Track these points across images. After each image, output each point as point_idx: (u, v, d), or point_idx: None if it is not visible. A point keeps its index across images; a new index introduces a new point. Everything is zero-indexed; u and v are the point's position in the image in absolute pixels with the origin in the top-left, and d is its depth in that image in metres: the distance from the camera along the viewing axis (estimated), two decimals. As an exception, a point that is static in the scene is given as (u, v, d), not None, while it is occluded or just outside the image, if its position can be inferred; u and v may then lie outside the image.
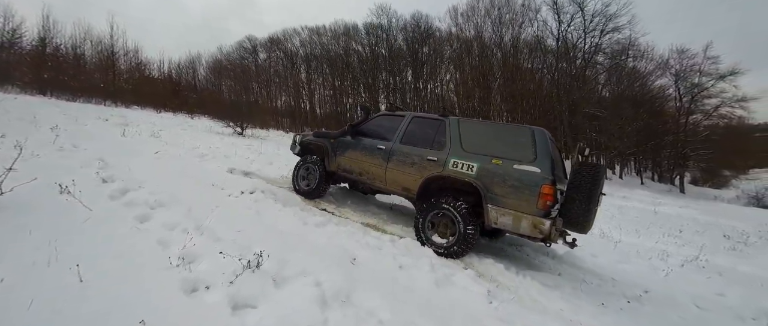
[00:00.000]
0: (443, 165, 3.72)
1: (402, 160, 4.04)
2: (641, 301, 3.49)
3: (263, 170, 6.31)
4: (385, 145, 4.25)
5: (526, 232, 3.22)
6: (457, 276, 3.02)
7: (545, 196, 3.09)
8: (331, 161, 4.74)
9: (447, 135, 3.87)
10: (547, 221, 3.09)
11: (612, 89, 29.27)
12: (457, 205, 3.53)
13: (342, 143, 4.71)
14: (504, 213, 3.30)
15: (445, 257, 3.49)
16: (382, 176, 4.20)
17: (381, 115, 4.70)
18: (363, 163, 4.40)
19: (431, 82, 31.62)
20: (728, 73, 25.44)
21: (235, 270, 2.13)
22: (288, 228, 3.46)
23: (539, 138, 3.39)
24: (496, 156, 3.46)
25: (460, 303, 2.61)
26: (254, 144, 10.84)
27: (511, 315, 2.53)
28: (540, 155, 3.28)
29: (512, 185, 3.28)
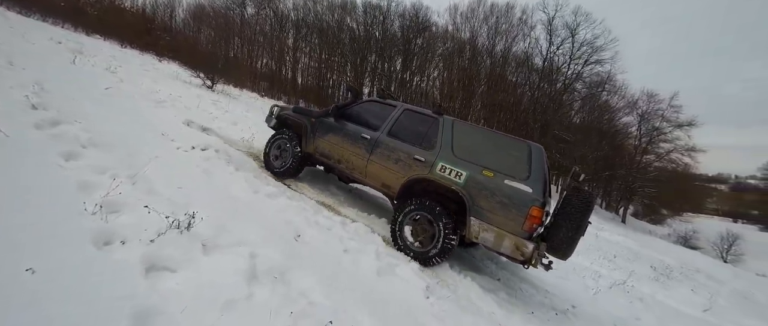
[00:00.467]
0: (430, 167, 3.48)
1: (386, 155, 3.76)
2: (567, 315, 3.69)
3: (225, 129, 5.94)
4: (370, 134, 3.94)
5: (507, 252, 3.07)
6: (401, 268, 3.00)
7: (533, 219, 2.95)
8: (309, 142, 4.37)
9: (439, 135, 3.61)
10: (531, 244, 2.94)
11: (583, 117, 30.87)
12: (440, 212, 3.31)
13: (323, 124, 4.33)
14: (487, 229, 3.12)
15: (421, 264, 3.30)
16: (363, 168, 3.92)
17: (370, 101, 4.38)
18: (343, 151, 4.07)
19: (418, 76, 31.51)
20: (686, 123, 27.66)
21: (160, 229, 1.94)
22: (236, 193, 3.25)
23: (535, 155, 3.20)
24: (488, 167, 3.26)
25: (398, 295, 2.59)
26: (222, 101, 10.21)
27: (445, 313, 2.55)
28: (534, 174, 3.10)
29: (500, 201, 3.10)
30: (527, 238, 2.99)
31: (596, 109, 30.35)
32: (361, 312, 2.15)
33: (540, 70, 27.74)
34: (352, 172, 4.07)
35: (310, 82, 35.36)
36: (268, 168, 4.58)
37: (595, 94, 28.59)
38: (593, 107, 30.32)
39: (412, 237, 3.46)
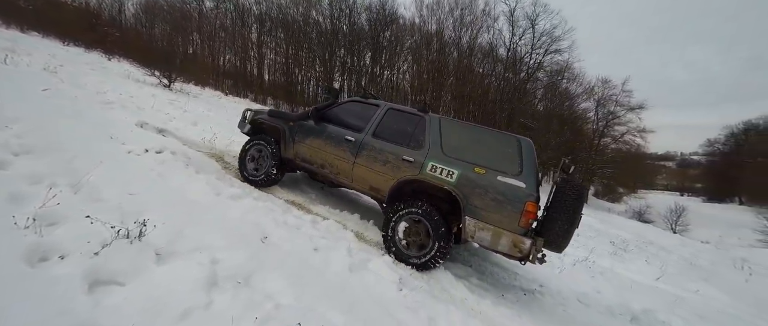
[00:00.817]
0: (420, 167, 3.36)
1: (373, 157, 3.61)
2: (535, 294, 3.87)
3: (183, 130, 5.61)
4: (354, 136, 3.77)
5: (505, 250, 3.00)
6: (374, 263, 2.98)
7: (529, 214, 2.91)
8: (288, 147, 4.13)
9: (426, 134, 3.51)
10: (528, 240, 2.89)
11: (546, 105, 32.30)
12: (434, 214, 3.22)
13: (302, 128, 4.09)
14: (483, 228, 3.04)
15: (417, 269, 3.23)
16: (349, 172, 3.75)
17: (351, 101, 4.16)
18: (326, 154, 3.88)
19: (388, 70, 31.40)
20: (637, 107, 29.73)
21: (105, 240, 1.78)
22: (196, 197, 3.07)
23: (526, 150, 3.16)
24: (479, 164, 3.18)
25: (370, 290, 2.57)
26: (180, 100, 9.64)
27: (417, 304, 2.56)
28: (526, 169, 3.06)
29: (495, 198, 3.02)
30: (524, 234, 2.94)
31: (557, 96, 31.85)
32: (332, 311, 2.11)
33: (504, 61, 28.62)
34: (337, 177, 3.88)
35: (278, 79, 34.26)
36: (245, 178, 4.24)
37: (555, 82, 29.97)
38: (554, 95, 31.80)
39: (405, 241, 3.36)
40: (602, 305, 4.18)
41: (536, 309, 3.49)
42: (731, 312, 5.50)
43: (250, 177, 4.21)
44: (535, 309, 3.47)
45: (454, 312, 2.63)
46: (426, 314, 2.48)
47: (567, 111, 32.90)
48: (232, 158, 4.95)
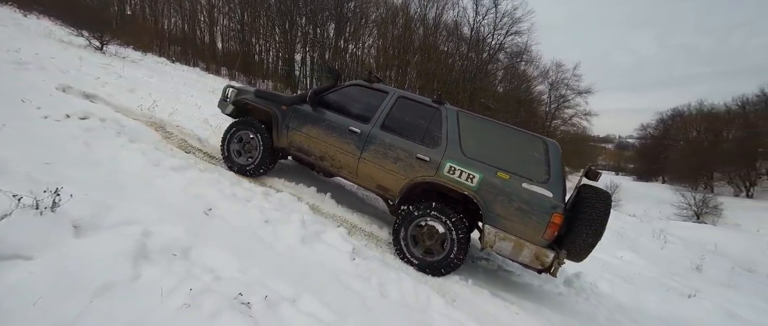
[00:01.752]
0: (437, 168, 3.06)
1: (382, 152, 3.25)
2: (479, 263, 4.10)
3: (116, 96, 5.02)
4: (360, 127, 3.38)
5: (525, 262, 2.85)
6: (328, 234, 2.94)
7: (555, 226, 2.71)
8: (281, 135, 3.69)
9: (443, 129, 3.19)
10: (551, 253, 2.73)
11: (505, 86, 33.56)
12: (455, 220, 2.97)
13: (298, 113, 3.64)
14: (504, 238, 2.84)
15: (431, 275, 3.02)
16: (353, 167, 3.40)
17: (354, 86, 3.70)
18: (327, 146, 3.48)
19: (353, 43, 30.41)
20: (585, 90, 31.87)
21: (5, 210, 1.55)
22: (128, 168, 2.79)
23: (553, 154, 2.93)
24: (503, 168, 2.92)
25: (323, 261, 2.55)
26: (115, 64, 8.58)
27: (369, 272, 2.59)
28: (553, 176, 2.84)
29: (519, 208, 2.80)
30: (547, 247, 2.77)
31: (516, 78, 33.19)
32: (280, 282, 2.06)
33: (468, 40, 28.98)
34: (338, 171, 3.55)
35: (233, 48, 31.80)
36: (230, 166, 3.83)
37: (514, 63, 31.08)
38: (514, 77, 33.09)
39: (419, 245, 3.15)
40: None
41: (481, 274, 3.71)
42: (647, 273, 6.30)
43: (234, 167, 3.81)
44: (480, 274, 3.69)
45: (406, 279, 2.70)
46: (377, 281, 2.52)
47: (524, 93, 34.53)
48: (175, 128, 4.56)
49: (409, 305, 2.44)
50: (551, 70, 33.30)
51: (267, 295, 1.84)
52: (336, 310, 1.99)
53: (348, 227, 3.44)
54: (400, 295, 2.50)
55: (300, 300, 1.97)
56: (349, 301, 2.17)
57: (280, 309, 1.82)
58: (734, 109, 39.55)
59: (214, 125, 5.33)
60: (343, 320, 1.97)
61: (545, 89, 34.26)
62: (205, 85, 12.13)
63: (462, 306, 2.72)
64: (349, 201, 4.16)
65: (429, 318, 2.34)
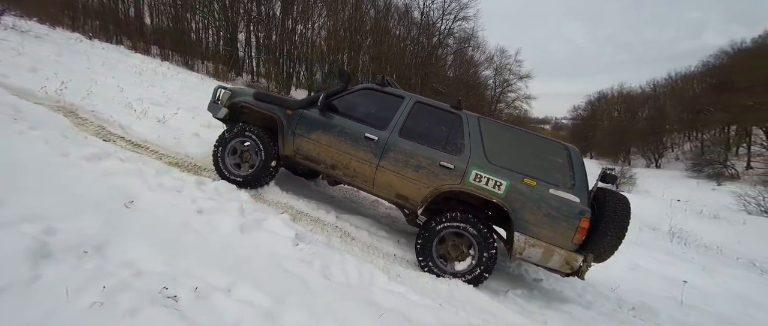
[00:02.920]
0: (462, 175, 3.01)
1: (403, 160, 3.14)
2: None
3: (13, 77, 4.30)
4: (376, 134, 3.23)
5: (555, 267, 2.88)
6: (269, 222, 2.87)
7: (583, 231, 2.77)
8: (286, 142, 3.46)
9: (466, 136, 3.13)
10: (580, 257, 2.79)
11: (455, 71, 34.69)
12: (481, 227, 2.98)
13: (305, 119, 3.42)
14: (534, 245, 2.85)
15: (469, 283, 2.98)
16: (370, 176, 3.24)
17: (366, 89, 3.53)
18: (339, 154, 3.30)
19: (302, 24, 28.95)
20: (525, 75, 34.12)
21: None
22: (27, 159, 2.44)
23: (576, 159, 2.98)
24: (529, 175, 2.92)
25: (263, 249, 2.49)
26: (12, 39, 7.27)
27: (312, 256, 2.60)
28: (578, 181, 2.89)
29: (548, 214, 2.81)
30: (576, 251, 2.84)
31: (464, 63, 34.42)
32: (214, 272, 1.98)
33: (418, 24, 29.21)
34: (352, 180, 3.38)
35: (165, 24, 28.54)
36: (224, 176, 3.52)
37: (463, 49, 32.14)
38: (462, 62, 34.28)
39: (446, 254, 3.13)
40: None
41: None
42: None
43: (231, 176, 3.51)
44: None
45: (350, 260, 2.75)
46: (321, 264, 2.54)
47: (472, 78, 36.03)
48: (89, 113, 4.04)
49: (352, 284, 2.51)
50: (496, 56, 35.08)
51: (197, 287, 1.77)
52: (274, 295, 1.98)
53: (293, 213, 3.40)
54: (344, 276, 2.55)
55: (236, 288, 1.93)
56: (289, 285, 2.16)
57: (213, 299, 1.76)
58: (647, 91, 45.20)
59: (140, 110, 4.82)
60: (282, 303, 1.96)
61: (491, 74, 36.06)
62: (130, 65, 10.81)
63: (405, 281, 2.86)
64: (294, 188, 4.08)
65: (371, 294, 2.42)
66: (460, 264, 3.08)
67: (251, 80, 25.61)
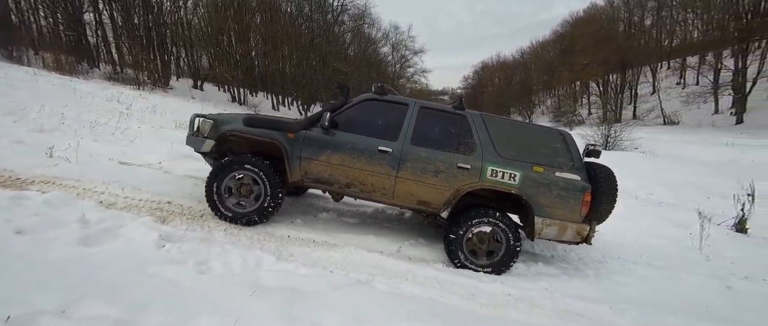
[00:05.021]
0: (480, 173, 3.15)
1: (421, 168, 3.18)
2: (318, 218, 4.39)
3: None
4: (389, 145, 3.21)
5: (569, 239, 3.19)
6: (127, 227, 2.52)
7: (587, 203, 3.10)
8: (293, 168, 3.24)
9: (474, 135, 3.26)
10: (587, 226, 3.15)
11: (355, 50, 34.66)
12: (506, 220, 3.17)
13: (311, 140, 3.22)
14: (550, 224, 3.15)
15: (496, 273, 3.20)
16: (389, 188, 3.24)
17: (367, 101, 3.40)
18: (354, 171, 3.21)
19: (169, 1, 24.63)
20: (420, 50, 36.23)
21: None
22: None
23: (570, 142, 3.29)
24: (536, 162, 3.18)
25: (118, 258, 2.19)
26: None
27: (184, 255, 2.39)
28: (576, 161, 3.22)
29: (558, 195, 3.11)
30: (584, 221, 3.17)
31: (363, 41, 34.63)
32: (40, 296, 1.67)
33: (310, 0, 27.95)
34: (370, 195, 3.31)
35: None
36: (222, 215, 3.21)
37: (359, 26, 32.16)
38: (361, 40, 34.41)
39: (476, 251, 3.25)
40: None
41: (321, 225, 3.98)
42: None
43: (231, 215, 3.22)
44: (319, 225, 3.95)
45: (232, 250, 2.63)
46: (195, 260, 2.36)
47: (372, 55, 36.61)
48: None
49: (234, 273, 2.41)
50: (391, 33, 36.19)
51: (10, 316, 1.47)
52: (132, 304, 1.79)
53: (162, 214, 3.04)
54: (225, 267, 2.43)
55: (74, 307, 1.67)
56: (153, 290, 1.97)
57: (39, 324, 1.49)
58: (517, 59, 52.94)
59: None
60: (144, 310, 1.79)
61: (389, 51, 37.22)
62: None
63: (298, 258, 2.88)
64: (164, 187, 3.64)
65: (256, 278, 2.37)
66: (489, 257, 3.27)
67: (113, 71, 21.14)
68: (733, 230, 4.88)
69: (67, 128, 5.10)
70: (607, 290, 3.14)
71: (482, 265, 3.21)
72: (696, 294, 3.21)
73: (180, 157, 4.90)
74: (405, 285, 2.70)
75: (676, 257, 3.88)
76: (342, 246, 3.27)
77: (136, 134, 5.80)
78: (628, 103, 32.64)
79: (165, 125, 7.50)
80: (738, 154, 11.55)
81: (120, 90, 13.02)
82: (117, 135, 5.46)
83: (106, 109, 7.79)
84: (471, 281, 2.93)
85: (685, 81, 30.77)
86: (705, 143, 14.96)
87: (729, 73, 21.74)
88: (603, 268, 3.59)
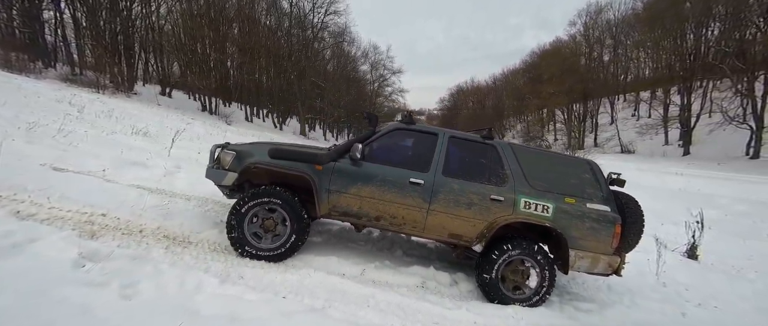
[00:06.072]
0: (513, 205, 3.04)
1: (454, 200, 3.05)
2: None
3: None
4: (421, 177, 3.08)
5: (600, 271, 3.10)
6: (41, 243, 2.16)
7: (618, 236, 3.04)
8: (321, 201, 3.09)
9: (505, 165, 3.17)
10: (618, 258, 3.07)
11: (334, 66, 34.86)
12: (539, 252, 3.09)
13: (340, 173, 3.07)
14: (583, 257, 3.03)
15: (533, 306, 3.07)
16: (420, 221, 3.10)
17: (396, 131, 3.32)
18: (385, 204, 3.08)
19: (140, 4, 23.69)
20: (398, 71, 37.02)
21: None
22: None
23: (599, 172, 3.21)
24: (567, 194, 3.09)
25: (17, 280, 1.84)
26: None
27: (108, 276, 2.07)
28: (606, 192, 3.14)
29: (591, 227, 3.02)
30: (615, 253, 3.09)
31: (343, 58, 34.94)
32: None
33: (290, 16, 27.99)
34: (401, 228, 3.17)
35: None
36: (244, 252, 2.98)
37: (338, 43, 32.47)
38: (341, 56, 34.70)
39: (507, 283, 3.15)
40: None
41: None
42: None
43: (255, 251, 3.00)
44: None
45: (168, 272, 2.32)
46: (120, 283, 2.06)
47: (351, 72, 36.94)
48: None
49: (168, 297, 2.12)
50: (370, 52, 36.85)
51: None
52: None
53: (92, 228, 2.68)
54: (157, 290, 2.14)
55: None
56: (54, 320, 1.65)
57: None
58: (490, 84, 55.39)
59: None
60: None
61: (368, 69, 37.74)
62: None
63: (248, 281, 2.61)
64: (101, 197, 3.26)
65: (193, 303, 2.09)
66: (520, 291, 3.16)
67: (71, 72, 19.77)
68: (686, 256, 5.07)
69: (-4, 128, 4.54)
70: (572, 317, 3.07)
71: (522, 299, 3.10)
72: (655, 321, 3.22)
73: (128, 164, 4.48)
74: (364, 312, 2.49)
75: (635, 282, 3.93)
76: (300, 267, 3.03)
77: (81, 138, 5.28)
78: (590, 131, 34.80)
79: (119, 131, 6.93)
80: (686, 183, 12.42)
81: (74, 92, 12.11)
82: (58, 138, 4.94)
83: (53, 110, 7.12)
84: (436, 308, 2.78)
85: (639, 113, 33.37)
86: (657, 172, 16.01)
87: (676, 108, 23.82)
88: (566, 294, 3.56)
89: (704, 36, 22.74)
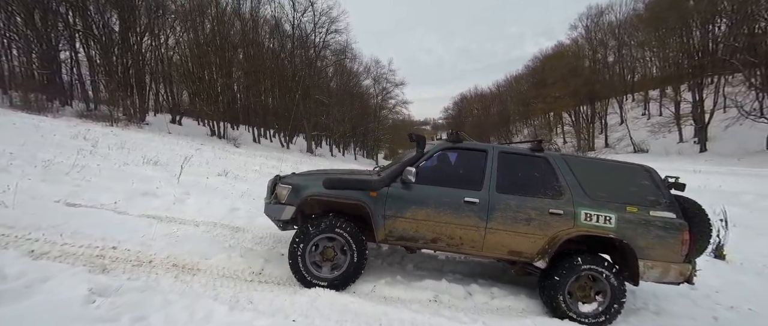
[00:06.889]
0: (573, 218, 2.96)
1: (511, 216, 2.98)
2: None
3: None
4: (476, 196, 3.03)
5: (671, 280, 2.98)
6: (53, 282, 2.19)
7: (687, 242, 2.92)
8: (378, 227, 3.06)
9: (560, 178, 3.08)
10: (689, 266, 2.96)
11: (337, 82, 35.45)
12: (605, 263, 2.96)
13: (394, 198, 3.06)
14: (652, 266, 2.92)
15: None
16: (478, 240, 3.04)
17: (445, 150, 3.32)
18: (441, 225, 3.03)
19: (151, 38, 24.69)
20: (400, 83, 37.41)
21: None
22: None
23: (658, 178, 3.11)
24: (628, 202, 2.99)
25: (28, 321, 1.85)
26: None
27: (118, 311, 2.07)
28: (668, 198, 3.03)
29: (657, 235, 2.92)
30: (685, 261, 2.98)
31: (345, 74, 35.54)
32: None
33: (292, 37, 28.71)
34: (458, 249, 3.12)
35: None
36: (308, 282, 2.99)
37: (341, 60, 33.06)
38: (343, 73, 35.31)
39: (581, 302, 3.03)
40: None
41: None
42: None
43: (315, 280, 2.99)
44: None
45: (177, 302, 2.31)
46: (130, 316, 2.05)
47: (355, 88, 37.48)
48: None
49: (178, 328, 2.10)
50: (372, 67, 37.40)
51: None
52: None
53: (103, 262, 2.70)
54: (166, 322, 2.12)
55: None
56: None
57: None
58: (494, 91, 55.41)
59: None
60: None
61: (371, 83, 38.24)
62: None
63: (258, 306, 2.58)
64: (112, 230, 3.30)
65: (204, 333, 2.07)
66: (584, 306, 3.03)
67: (86, 108, 20.51)
68: (712, 256, 4.85)
69: (14, 168, 4.70)
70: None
71: (590, 315, 2.98)
72: (686, 327, 3.06)
73: (138, 195, 4.55)
74: (376, 333, 2.43)
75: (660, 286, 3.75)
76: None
77: (94, 172, 5.41)
78: (600, 132, 34.24)
79: (131, 162, 7.10)
80: (705, 180, 12.01)
81: (89, 127, 12.52)
82: (72, 174, 5.07)
83: (68, 147, 7.36)
84: (451, 323, 2.69)
85: (650, 112, 32.77)
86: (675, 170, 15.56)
87: (688, 106, 23.30)
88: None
89: (711, 32, 22.40)
